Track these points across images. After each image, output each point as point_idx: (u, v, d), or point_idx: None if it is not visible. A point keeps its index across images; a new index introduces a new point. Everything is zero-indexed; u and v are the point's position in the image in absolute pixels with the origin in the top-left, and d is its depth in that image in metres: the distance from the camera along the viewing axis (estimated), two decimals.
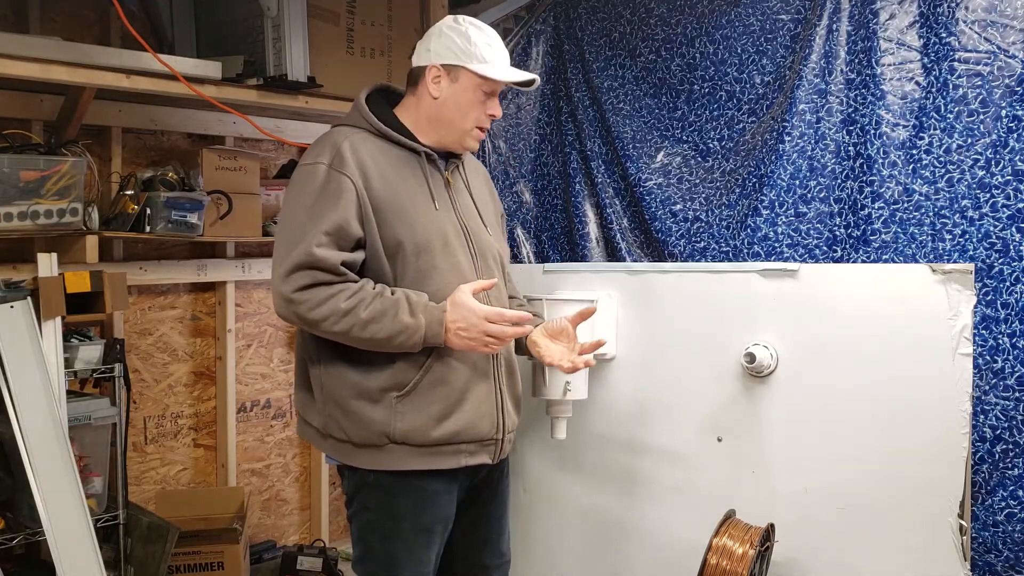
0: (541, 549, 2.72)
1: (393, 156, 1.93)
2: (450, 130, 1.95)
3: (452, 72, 1.92)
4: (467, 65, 1.90)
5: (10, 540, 2.42)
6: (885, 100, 2.58)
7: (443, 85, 1.92)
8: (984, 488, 2.41)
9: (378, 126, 1.93)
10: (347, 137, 1.90)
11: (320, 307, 1.78)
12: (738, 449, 2.39)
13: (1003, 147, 2.39)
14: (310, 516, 3.68)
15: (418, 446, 1.87)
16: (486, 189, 2.16)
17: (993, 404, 2.39)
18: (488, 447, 1.95)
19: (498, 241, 2.08)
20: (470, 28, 1.93)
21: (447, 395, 1.88)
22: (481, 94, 1.93)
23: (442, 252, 1.90)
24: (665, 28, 3.09)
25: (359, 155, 1.87)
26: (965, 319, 2.14)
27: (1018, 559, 2.38)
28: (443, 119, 1.94)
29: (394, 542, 1.90)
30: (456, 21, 1.95)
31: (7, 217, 2.44)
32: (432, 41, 1.94)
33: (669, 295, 2.51)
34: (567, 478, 2.68)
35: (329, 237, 1.80)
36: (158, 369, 3.19)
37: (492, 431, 1.94)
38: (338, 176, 1.84)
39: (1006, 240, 2.38)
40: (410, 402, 1.86)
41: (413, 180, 1.92)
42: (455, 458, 1.90)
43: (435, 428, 1.86)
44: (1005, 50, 2.40)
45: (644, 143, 3.12)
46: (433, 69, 1.92)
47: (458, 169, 2.05)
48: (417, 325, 1.80)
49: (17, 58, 2.32)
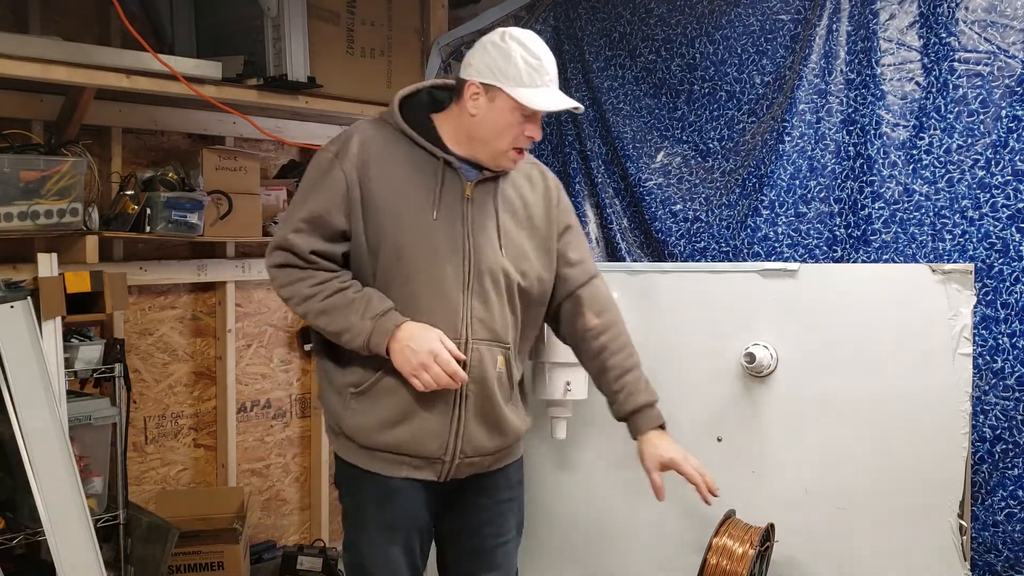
0: (541, 549, 2.72)
1: (411, 157, 1.90)
2: (484, 149, 1.89)
3: (490, 91, 1.84)
4: (504, 87, 1.82)
5: (10, 540, 2.42)
6: (885, 100, 2.58)
7: (481, 103, 1.85)
8: (984, 488, 2.41)
9: (401, 125, 1.91)
10: (364, 131, 1.91)
11: (287, 287, 1.89)
12: (738, 449, 2.39)
13: (1003, 147, 2.39)
14: (310, 516, 3.68)
15: (362, 446, 1.91)
16: (540, 206, 2.02)
17: (993, 404, 2.39)
18: (434, 465, 1.90)
19: (517, 262, 1.94)
20: (514, 47, 1.84)
21: (395, 405, 1.87)
22: (519, 116, 1.84)
23: (426, 260, 1.86)
24: (665, 28, 3.09)
25: (366, 150, 1.87)
26: (965, 319, 2.14)
27: (1018, 559, 2.38)
28: (478, 137, 1.88)
29: (360, 532, 1.96)
30: (503, 38, 1.85)
31: (7, 217, 2.44)
32: (476, 55, 1.88)
33: (669, 295, 2.51)
34: (567, 478, 2.68)
35: (308, 224, 1.86)
36: (158, 369, 3.19)
37: (439, 452, 1.89)
38: (335, 167, 1.87)
39: (1006, 240, 2.39)
40: (361, 401, 1.89)
41: (421, 184, 1.88)
42: (397, 467, 1.90)
43: (377, 433, 1.88)
44: (1005, 50, 2.40)
45: (644, 143, 3.12)
46: (472, 86, 1.85)
47: (493, 182, 1.94)
48: (362, 328, 1.81)
49: (17, 58, 2.32)
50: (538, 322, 2.08)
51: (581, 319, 2.06)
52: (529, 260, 1.97)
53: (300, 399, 3.62)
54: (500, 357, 1.92)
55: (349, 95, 3.15)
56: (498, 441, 1.97)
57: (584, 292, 2.07)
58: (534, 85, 1.83)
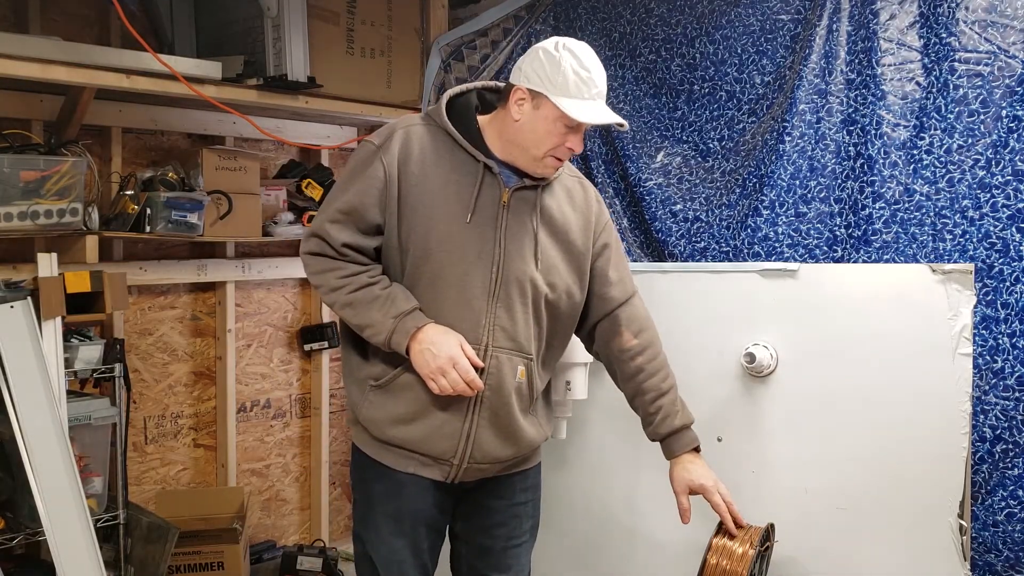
0: (541, 549, 2.71)
1: (452, 158, 1.89)
2: (523, 154, 1.88)
3: (536, 99, 1.84)
4: (550, 95, 1.82)
5: (10, 540, 2.42)
6: (885, 100, 2.58)
7: (525, 109, 1.85)
8: (984, 488, 2.41)
9: (445, 124, 1.90)
10: (408, 126, 1.91)
11: (319, 275, 1.90)
12: (738, 449, 2.39)
13: (1003, 147, 2.39)
14: (310, 516, 3.68)
15: (374, 438, 1.94)
16: (578, 224, 2.00)
17: (993, 404, 2.39)
18: (442, 465, 1.92)
19: (548, 274, 1.92)
20: (565, 56, 1.83)
21: (411, 402, 1.88)
22: (562, 126, 1.83)
23: (453, 263, 1.86)
24: (665, 28, 3.09)
25: (409, 146, 1.87)
26: (965, 319, 2.14)
27: (1018, 559, 2.38)
28: (518, 142, 1.87)
29: (367, 522, 1.98)
30: (556, 47, 1.85)
31: (7, 217, 2.44)
32: (527, 61, 1.88)
33: (669, 295, 2.51)
34: (567, 478, 2.68)
35: (344, 215, 1.86)
36: (158, 369, 3.19)
37: (448, 454, 1.90)
38: (376, 160, 1.87)
39: (1006, 240, 2.38)
40: (379, 395, 1.92)
41: (458, 186, 1.87)
42: (405, 462, 1.92)
43: (390, 428, 1.91)
44: (1005, 50, 2.40)
45: (644, 143, 3.12)
46: (519, 91, 1.85)
47: (533, 191, 1.93)
48: (384, 326, 1.82)
49: (17, 58, 2.32)
50: (567, 336, 2.06)
51: (619, 339, 2.04)
52: (560, 274, 1.95)
53: (300, 399, 3.63)
54: (521, 367, 1.91)
55: (349, 95, 3.15)
56: (511, 451, 1.96)
57: (623, 312, 2.05)
58: (580, 97, 1.82)
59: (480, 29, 3.42)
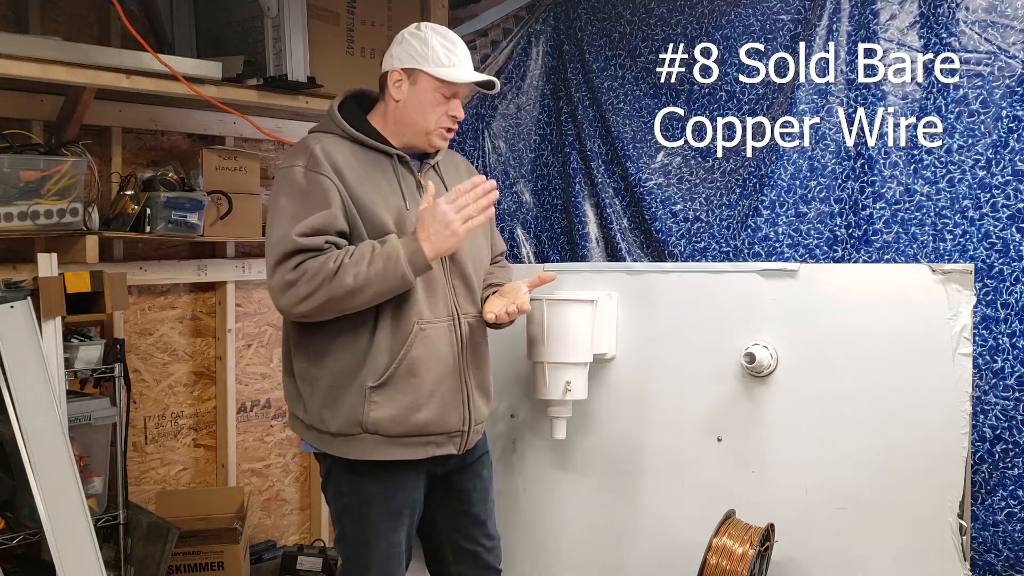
0: (541, 549, 2.72)
1: (365, 159, 1.99)
2: (414, 130, 2.02)
3: (412, 75, 1.99)
4: (424, 68, 1.97)
5: (10, 540, 2.42)
6: (885, 100, 2.58)
7: (404, 88, 2.00)
8: (984, 488, 2.41)
9: (349, 130, 2.00)
10: (319, 141, 1.98)
11: (313, 278, 1.84)
12: (738, 449, 2.40)
13: (1003, 147, 2.40)
14: (310, 516, 3.68)
15: (388, 436, 1.95)
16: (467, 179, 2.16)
17: (993, 404, 2.39)
18: (455, 438, 2.02)
19: (474, 236, 2.05)
20: (430, 33, 2.01)
21: (418, 387, 1.95)
22: (440, 96, 1.99)
23: None
24: (665, 28, 3.09)
25: (332, 157, 1.94)
26: (965, 319, 2.14)
27: (1018, 559, 2.38)
28: (406, 121, 2.01)
29: (365, 526, 2.00)
30: (417, 28, 2.03)
31: (7, 217, 2.44)
32: (395, 47, 2.03)
33: (669, 295, 2.51)
34: (567, 478, 2.68)
35: (315, 232, 1.88)
36: (158, 369, 3.19)
37: (459, 424, 2.01)
38: (316, 176, 1.91)
39: (1006, 240, 2.39)
40: (384, 392, 1.94)
41: (385, 182, 1.99)
42: (424, 448, 1.99)
43: (406, 419, 1.95)
44: (1005, 50, 2.40)
45: (644, 143, 3.12)
46: (395, 73, 2.00)
47: (433, 169, 2.10)
48: (393, 248, 1.86)
49: (17, 58, 2.32)
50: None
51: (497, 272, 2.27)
52: (483, 233, 2.14)
53: None
54: (482, 328, 2.08)
55: None
56: (487, 408, 2.13)
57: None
58: (451, 65, 1.99)
59: (480, 29, 3.42)
